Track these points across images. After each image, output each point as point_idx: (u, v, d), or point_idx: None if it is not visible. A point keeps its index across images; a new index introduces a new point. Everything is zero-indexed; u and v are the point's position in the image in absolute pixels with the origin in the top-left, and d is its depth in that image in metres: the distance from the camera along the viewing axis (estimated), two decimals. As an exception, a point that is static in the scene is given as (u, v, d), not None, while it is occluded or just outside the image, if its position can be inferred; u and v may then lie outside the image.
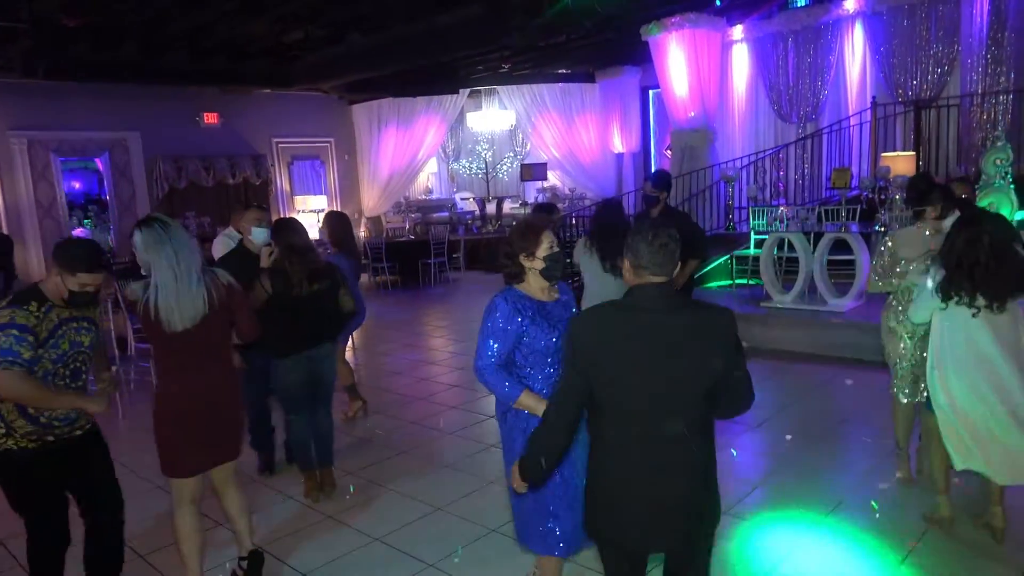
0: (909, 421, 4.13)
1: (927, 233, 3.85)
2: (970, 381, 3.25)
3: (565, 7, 7.15)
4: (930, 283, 3.30)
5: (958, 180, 5.23)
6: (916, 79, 10.29)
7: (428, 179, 16.36)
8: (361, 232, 14.85)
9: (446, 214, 15.05)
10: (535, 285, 2.77)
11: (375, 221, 15.21)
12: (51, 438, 2.87)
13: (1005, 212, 6.41)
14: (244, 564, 3.48)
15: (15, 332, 2.68)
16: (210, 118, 12.67)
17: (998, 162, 6.95)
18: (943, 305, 3.25)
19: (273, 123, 13.54)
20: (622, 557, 2.30)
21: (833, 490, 4.15)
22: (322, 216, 9.49)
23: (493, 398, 3.68)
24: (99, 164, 12.13)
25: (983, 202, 6.49)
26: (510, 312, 2.67)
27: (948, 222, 3.64)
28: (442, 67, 12.45)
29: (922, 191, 3.96)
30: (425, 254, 12.73)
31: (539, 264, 2.71)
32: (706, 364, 2.10)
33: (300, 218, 13.70)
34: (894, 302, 4.03)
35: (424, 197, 15.97)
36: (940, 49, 10.08)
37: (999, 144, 7.24)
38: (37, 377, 2.77)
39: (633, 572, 2.33)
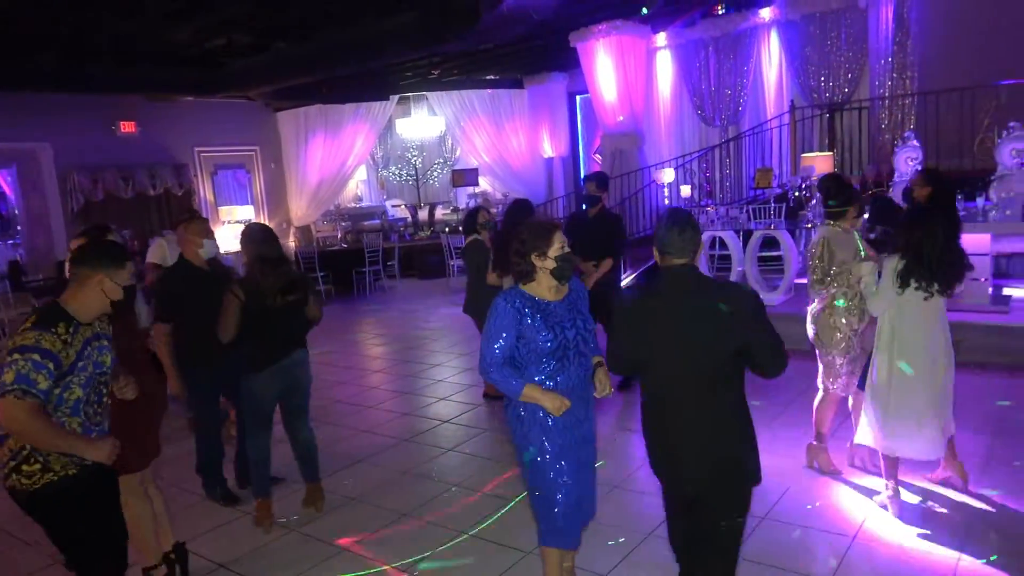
0: (834, 413, 4.27)
1: (852, 233, 4.08)
2: (912, 361, 3.60)
3: (502, 14, 7.21)
4: (887, 277, 3.58)
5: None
6: (829, 83, 10.88)
7: (358, 187, 16.13)
8: (290, 242, 14.51)
9: (377, 222, 14.88)
10: (544, 284, 2.80)
11: (304, 230, 14.89)
12: (88, 461, 2.59)
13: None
14: (172, 557, 3.56)
15: (36, 357, 2.39)
16: (127, 127, 12.13)
17: (910, 160, 7.45)
18: (900, 291, 3.54)
19: (195, 132, 13.07)
20: (672, 497, 2.70)
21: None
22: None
23: (446, 404, 3.70)
24: (3, 177, 11.43)
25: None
26: (510, 312, 2.74)
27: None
28: (372, 74, 12.34)
29: (844, 192, 4.12)
30: (359, 263, 12.55)
31: (550, 264, 2.75)
32: (725, 331, 2.43)
33: (225, 229, 13.37)
34: (837, 302, 4.05)
35: (354, 205, 15.74)
36: (850, 55, 10.70)
37: (910, 144, 7.73)
38: (63, 409, 2.51)
39: (684, 512, 2.63)
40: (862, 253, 4.05)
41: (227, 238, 13.35)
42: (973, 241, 6.64)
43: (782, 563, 3.39)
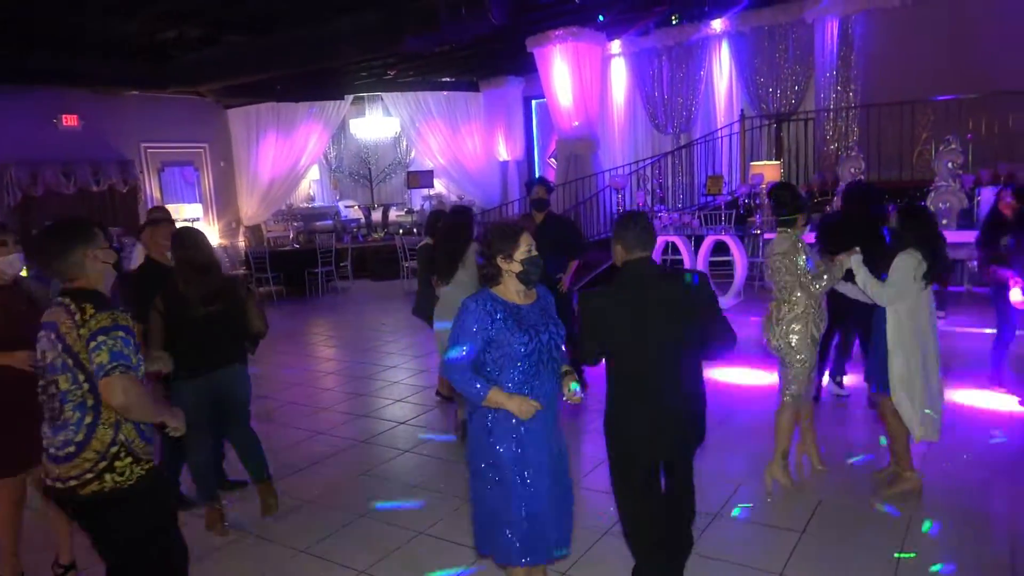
0: (794, 423, 4.27)
1: (800, 240, 4.07)
2: (913, 355, 3.85)
3: (460, 16, 7.24)
4: (905, 272, 3.78)
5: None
6: (777, 94, 11.22)
7: (310, 187, 15.92)
8: (240, 242, 14.23)
9: (330, 222, 14.71)
10: (511, 288, 2.72)
11: (255, 230, 14.62)
12: (48, 479, 2.54)
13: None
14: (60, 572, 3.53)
15: (121, 334, 2.42)
16: (69, 120, 11.72)
17: (853, 170, 7.73)
18: (925, 286, 3.83)
19: (142, 127, 12.70)
20: (644, 470, 2.92)
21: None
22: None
23: (402, 405, 3.69)
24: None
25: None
26: (480, 314, 2.63)
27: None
28: (326, 73, 12.20)
29: (795, 201, 4.14)
30: (311, 263, 12.38)
31: (516, 267, 2.68)
32: (688, 312, 2.83)
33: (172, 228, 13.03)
34: (797, 308, 4.05)
35: (307, 205, 15.52)
36: (797, 68, 11.05)
37: (853, 154, 8.03)
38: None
39: (647, 481, 2.91)
40: (803, 261, 4.00)
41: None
42: (912, 249, 6.95)
43: (736, 558, 3.49)
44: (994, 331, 5.57)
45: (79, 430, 2.43)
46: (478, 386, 2.63)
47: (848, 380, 5.68)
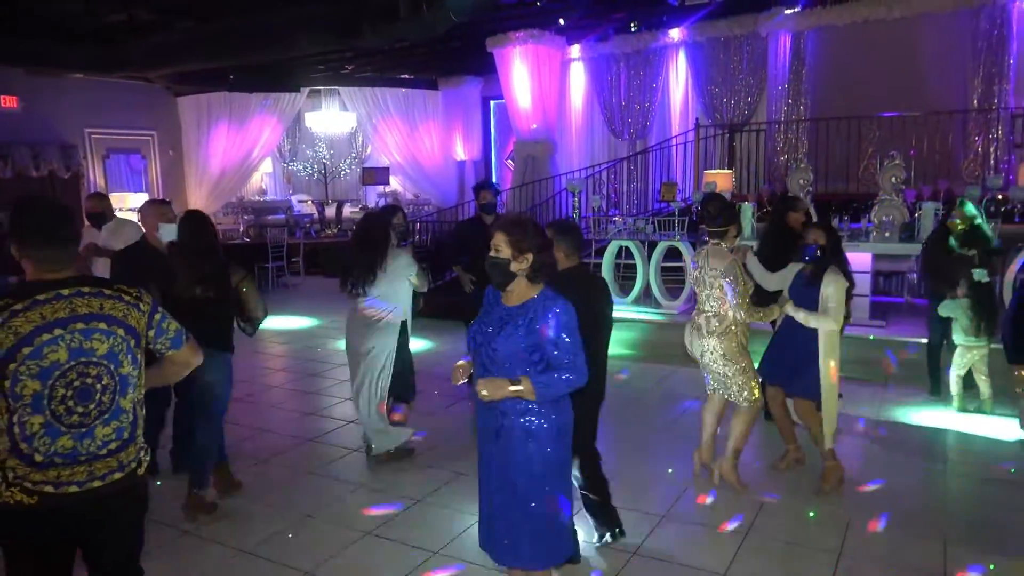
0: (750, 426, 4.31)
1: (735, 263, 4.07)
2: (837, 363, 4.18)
3: (420, 13, 7.18)
4: (842, 294, 4.06)
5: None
6: (731, 105, 11.44)
7: (262, 179, 15.62)
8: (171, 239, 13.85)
9: (282, 216, 14.45)
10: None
11: (203, 222, 14.25)
12: (50, 489, 2.15)
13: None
14: None
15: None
16: (8, 101, 11.29)
17: (801, 181, 7.93)
18: None
19: (86, 111, 12.29)
20: (591, 417, 3.51)
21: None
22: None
23: (351, 404, 3.62)
24: None
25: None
26: (485, 296, 2.79)
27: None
28: (282, 64, 11.97)
29: (725, 211, 4.19)
30: (262, 258, 12.14)
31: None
32: (610, 306, 3.61)
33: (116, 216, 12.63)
34: (727, 321, 4.08)
35: (259, 198, 15.23)
36: (750, 80, 11.29)
37: (802, 166, 8.25)
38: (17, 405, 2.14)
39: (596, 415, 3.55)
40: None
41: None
42: (856, 260, 7.17)
43: (681, 559, 3.54)
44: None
45: (131, 413, 2.30)
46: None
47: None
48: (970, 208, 5.67)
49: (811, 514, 3.98)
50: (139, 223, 4.81)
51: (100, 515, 2.27)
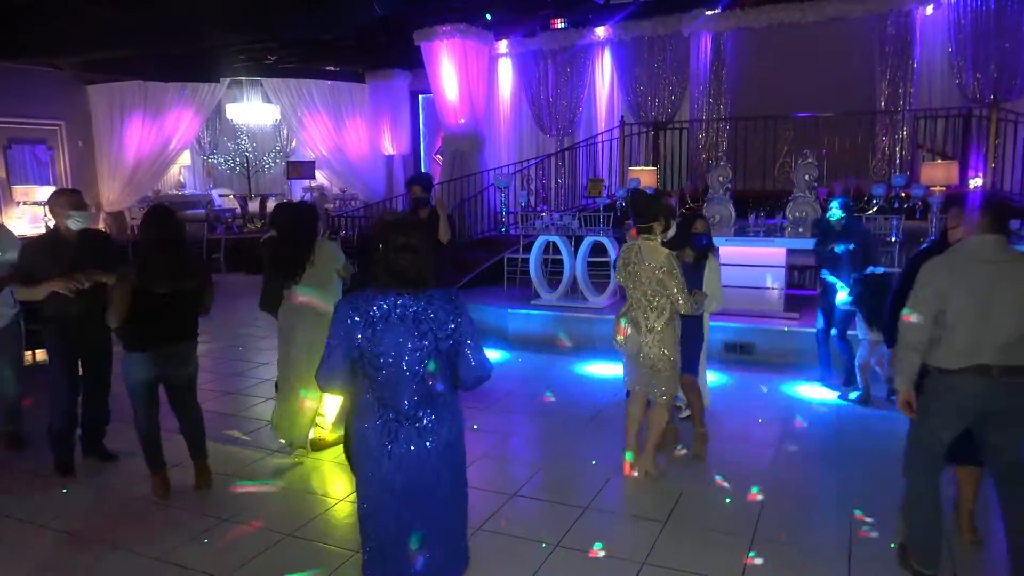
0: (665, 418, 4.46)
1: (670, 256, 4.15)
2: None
3: (342, 2, 7.05)
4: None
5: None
6: (655, 103, 11.68)
7: (181, 173, 15.06)
8: (100, 229, 13.23)
9: (202, 211, 13.97)
10: None
11: (117, 217, 13.64)
12: None
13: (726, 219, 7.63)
14: None
15: None
16: None
17: (721, 178, 8.18)
18: None
19: (-14, 99, 11.58)
20: None
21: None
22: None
23: (269, 405, 3.59)
24: None
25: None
26: None
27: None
28: (199, 52, 11.54)
29: (650, 208, 4.22)
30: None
31: None
32: None
33: (21, 210, 11.95)
34: (665, 315, 4.15)
35: (176, 192, 14.67)
36: (674, 78, 11.55)
37: (722, 164, 8.51)
38: None
39: None
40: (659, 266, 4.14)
41: (21, 221, 11.99)
42: (771, 254, 7.45)
43: (526, 533, 3.67)
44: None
45: None
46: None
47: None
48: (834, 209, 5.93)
49: (727, 500, 4.12)
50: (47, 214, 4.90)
51: None
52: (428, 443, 2.45)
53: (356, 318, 2.39)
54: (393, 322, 2.40)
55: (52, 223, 4.57)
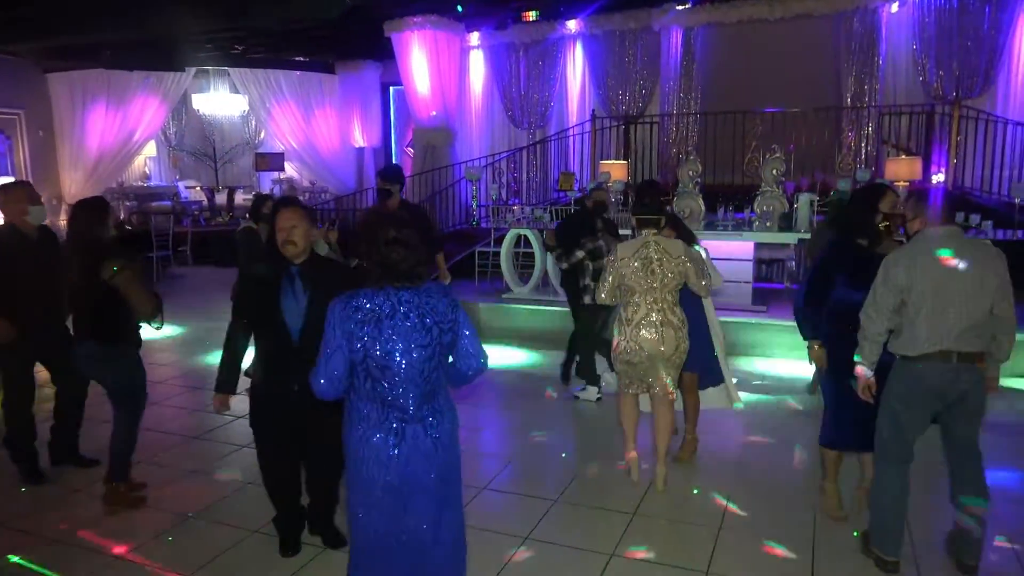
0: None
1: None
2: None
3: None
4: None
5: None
6: (626, 97, 11.72)
7: (146, 164, 14.76)
8: (62, 221, 12.92)
9: (169, 203, 13.72)
10: None
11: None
12: None
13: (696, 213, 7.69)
14: None
15: None
16: None
17: (691, 173, 8.24)
18: None
19: (-60, 86, 11.23)
20: None
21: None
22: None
23: (241, 399, 3.56)
24: None
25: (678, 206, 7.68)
26: None
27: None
28: (164, 41, 11.31)
29: (663, 200, 4.30)
30: (146, 247, 11.48)
31: None
32: None
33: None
34: (641, 310, 4.04)
35: (142, 184, 14.39)
36: (644, 73, 11.60)
37: (692, 158, 8.57)
38: None
39: None
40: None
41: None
42: (739, 248, 7.53)
43: (487, 525, 3.68)
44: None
45: None
46: None
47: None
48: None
49: (695, 491, 4.17)
50: None
51: None
52: (434, 439, 2.41)
53: (359, 317, 2.31)
54: (398, 319, 2.33)
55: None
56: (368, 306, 2.33)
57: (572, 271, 5.63)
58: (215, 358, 7.09)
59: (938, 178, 9.74)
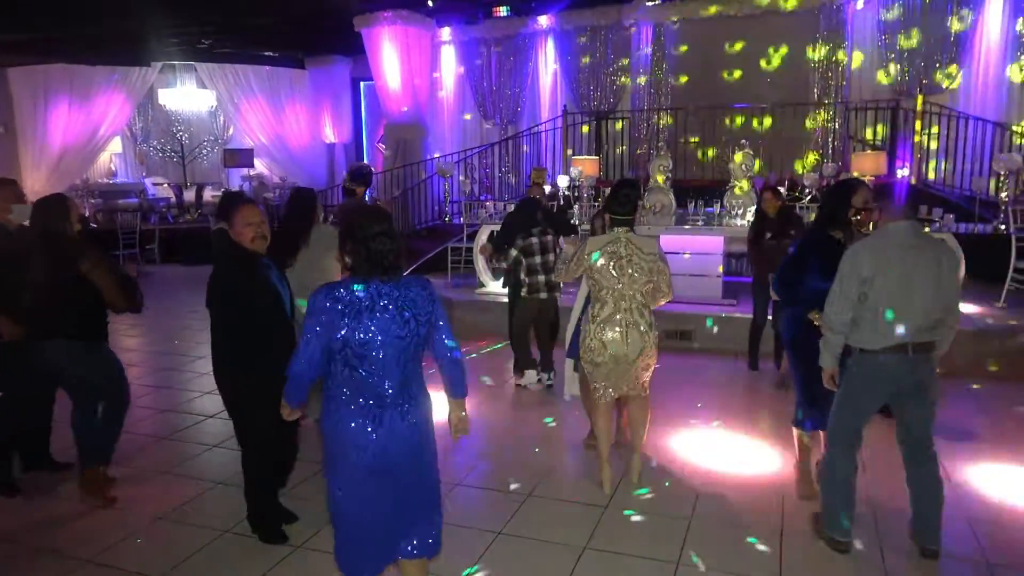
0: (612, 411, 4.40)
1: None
2: None
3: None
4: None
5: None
6: (597, 93, 11.77)
7: (111, 160, 14.49)
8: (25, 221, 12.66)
9: (135, 200, 13.49)
10: None
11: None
12: None
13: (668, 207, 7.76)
14: None
15: None
16: None
17: (662, 168, 8.30)
18: None
19: None
20: None
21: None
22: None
23: (212, 398, 3.55)
24: None
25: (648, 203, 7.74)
26: None
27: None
28: (128, 35, 11.11)
29: (638, 196, 4.10)
30: (112, 245, 11.28)
31: None
32: None
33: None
34: (608, 307, 3.98)
35: (107, 181, 14.12)
36: (616, 69, 11.65)
37: (662, 154, 8.64)
38: None
39: None
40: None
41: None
42: (709, 242, 7.61)
43: (460, 521, 3.69)
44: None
45: None
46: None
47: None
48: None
49: (666, 484, 4.22)
50: None
51: None
52: (410, 423, 2.52)
53: (339, 307, 2.39)
54: (378, 310, 2.42)
55: None
56: (349, 298, 2.41)
57: (514, 267, 5.86)
58: (184, 358, 7.05)
59: (902, 172, 9.93)
